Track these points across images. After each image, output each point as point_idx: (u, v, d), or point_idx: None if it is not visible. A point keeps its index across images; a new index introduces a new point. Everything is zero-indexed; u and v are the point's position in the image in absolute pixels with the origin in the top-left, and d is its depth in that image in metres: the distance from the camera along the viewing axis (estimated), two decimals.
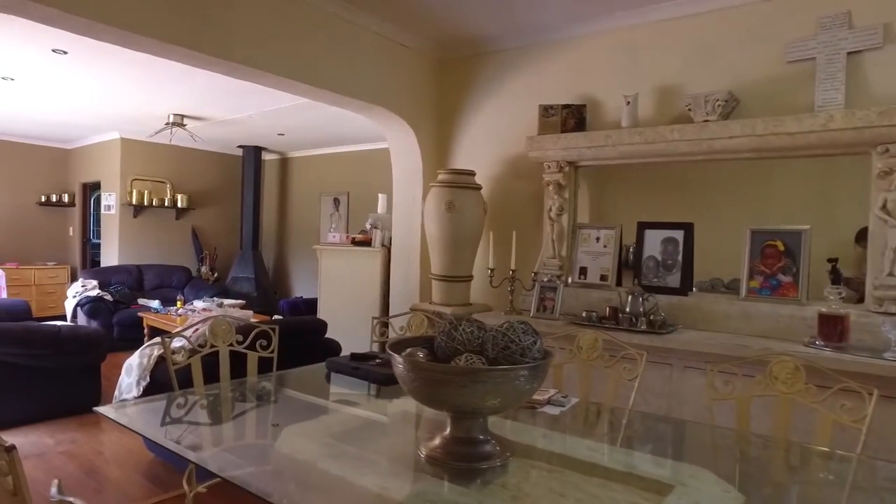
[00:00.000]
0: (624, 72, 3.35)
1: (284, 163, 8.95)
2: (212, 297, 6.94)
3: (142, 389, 3.17)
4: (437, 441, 1.56)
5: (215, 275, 8.33)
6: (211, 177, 8.64)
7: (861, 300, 2.69)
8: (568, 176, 3.43)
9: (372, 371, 2.25)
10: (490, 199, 3.74)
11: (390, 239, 5.10)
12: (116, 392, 3.41)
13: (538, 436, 1.80)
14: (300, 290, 8.60)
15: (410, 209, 4.08)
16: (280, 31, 3.04)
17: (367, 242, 5.22)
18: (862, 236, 2.84)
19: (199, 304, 6.58)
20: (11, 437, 3.88)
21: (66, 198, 8.55)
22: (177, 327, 5.78)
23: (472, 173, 3.60)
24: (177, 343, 3.35)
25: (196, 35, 2.66)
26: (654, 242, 3.22)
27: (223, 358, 2.34)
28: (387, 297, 5.08)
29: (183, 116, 6.19)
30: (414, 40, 3.84)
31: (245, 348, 2.41)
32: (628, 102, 3.18)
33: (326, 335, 4.08)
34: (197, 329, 3.31)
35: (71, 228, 8.77)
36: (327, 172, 8.25)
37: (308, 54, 3.19)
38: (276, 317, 4.21)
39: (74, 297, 6.53)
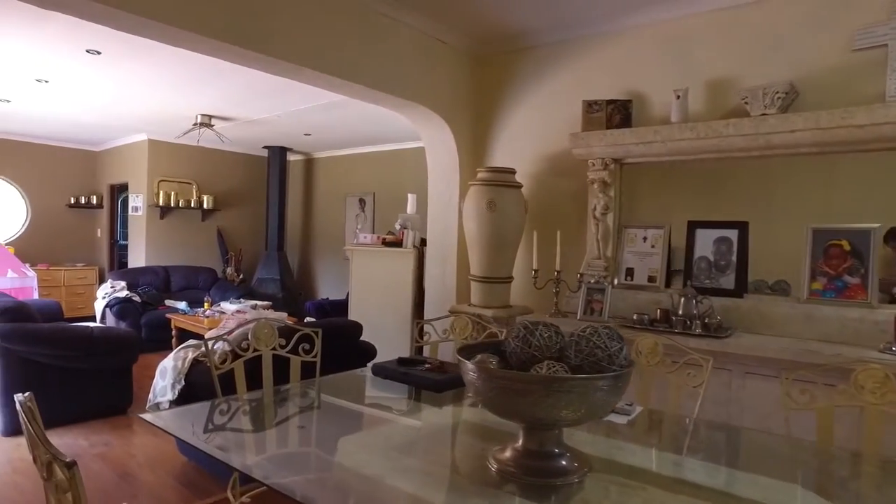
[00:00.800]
0: (673, 65, 3.22)
1: (309, 163, 8.92)
2: (238, 298, 6.91)
3: (177, 393, 3.11)
4: (507, 454, 1.45)
5: (241, 276, 8.32)
6: (236, 178, 8.64)
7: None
8: (613, 173, 3.30)
9: (423, 377, 2.15)
10: (530, 198, 3.63)
11: (422, 240, 5.01)
12: (151, 395, 3.35)
13: (610, 447, 1.69)
14: (325, 291, 8.55)
15: (447, 208, 3.98)
16: (319, 26, 2.96)
17: (397, 243, 5.13)
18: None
19: (226, 305, 6.55)
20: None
21: (94, 199, 8.61)
22: (205, 329, 5.75)
23: (512, 171, 3.49)
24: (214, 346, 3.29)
25: (235, 29, 2.59)
26: (705, 242, 3.08)
27: (266, 362, 2.25)
28: (419, 298, 4.98)
29: (211, 117, 6.16)
30: (451, 36, 3.75)
31: (287, 352, 2.32)
32: (678, 97, 3.04)
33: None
34: (232, 332, 3.24)
35: (99, 230, 8.82)
36: (353, 173, 8.20)
37: (346, 49, 3.11)
38: (308, 319, 4.13)
39: (104, 298, 6.53)
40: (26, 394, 1.38)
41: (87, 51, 4.14)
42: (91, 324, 4.82)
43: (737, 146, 2.87)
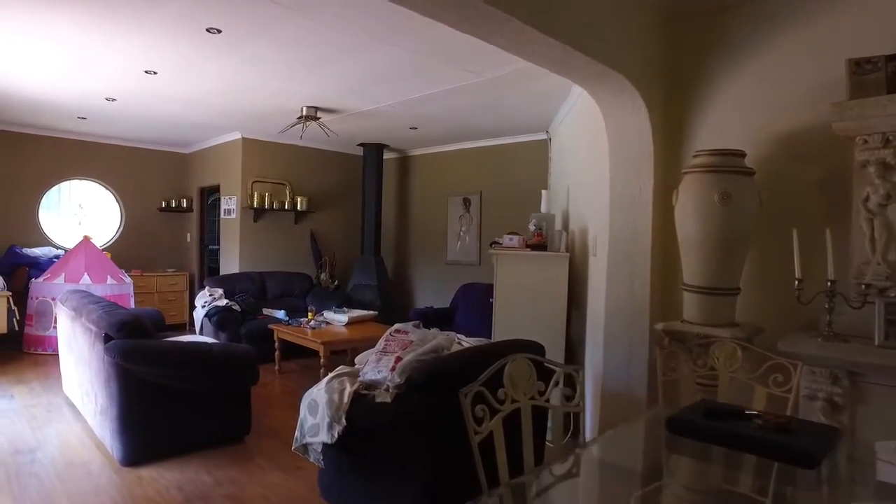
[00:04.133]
0: None
1: (404, 161, 8.35)
2: (340, 306, 6.37)
3: (336, 435, 2.48)
4: None
5: (335, 282, 7.81)
6: (329, 178, 8.16)
7: None
8: None
9: (771, 440, 1.41)
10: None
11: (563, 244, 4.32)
12: (297, 433, 2.76)
13: None
14: (423, 298, 7.94)
15: (634, 203, 3.24)
16: None
17: (541, 246, 4.47)
18: None
19: (330, 315, 6.02)
20: (167, 472, 3.27)
21: (184, 203, 8.32)
22: (313, 342, 5.21)
23: (742, 154, 2.73)
24: (371, 374, 2.67)
25: None
26: None
27: (525, 416, 1.57)
28: (570, 310, 4.26)
29: (317, 109, 5.64)
30: None
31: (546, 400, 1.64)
32: None
33: None
34: (399, 359, 2.61)
35: (188, 234, 8.52)
36: (456, 170, 7.56)
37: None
38: (460, 337, 3.48)
39: (203, 307, 6.11)
40: None
41: (208, 29, 3.64)
42: (209, 339, 4.33)
43: None
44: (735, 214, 2.63)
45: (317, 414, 2.63)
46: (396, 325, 2.85)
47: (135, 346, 3.36)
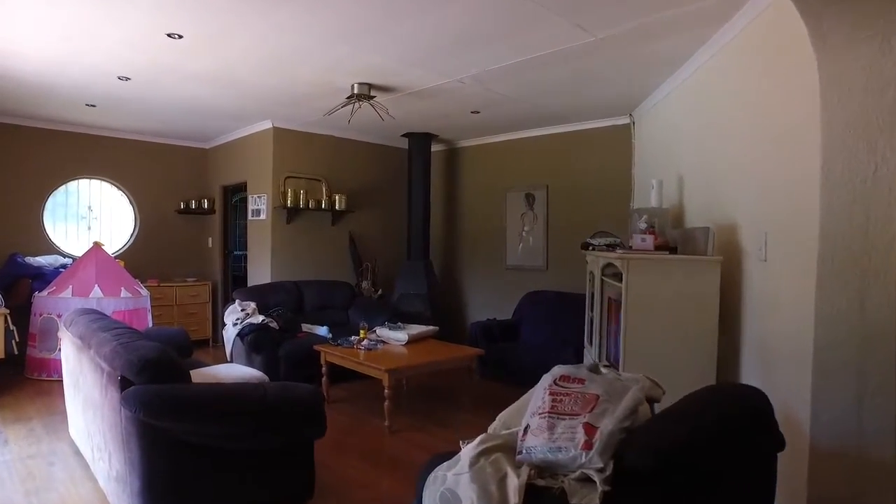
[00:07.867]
0: None
1: (452, 154, 7.41)
2: (394, 322, 5.43)
3: None
4: None
5: (378, 291, 6.88)
6: (369, 173, 7.21)
7: None
8: None
9: None
10: None
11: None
12: None
13: None
14: (477, 309, 6.99)
15: (869, 187, 2.29)
16: None
17: (668, 248, 3.53)
18: None
19: (384, 332, 5.10)
20: None
21: (205, 204, 7.41)
22: (371, 368, 4.28)
23: None
24: (543, 451, 1.73)
25: None
26: None
27: None
28: (718, 331, 3.31)
29: (370, 87, 4.71)
30: None
31: None
32: None
33: None
34: (591, 428, 1.66)
35: (210, 239, 7.62)
36: (515, 163, 6.61)
37: None
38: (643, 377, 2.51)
39: (235, 324, 5.19)
40: None
41: None
42: (251, 371, 3.39)
43: None
44: None
45: None
46: (561, 370, 1.90)
47: (162, 394, 2.44)
